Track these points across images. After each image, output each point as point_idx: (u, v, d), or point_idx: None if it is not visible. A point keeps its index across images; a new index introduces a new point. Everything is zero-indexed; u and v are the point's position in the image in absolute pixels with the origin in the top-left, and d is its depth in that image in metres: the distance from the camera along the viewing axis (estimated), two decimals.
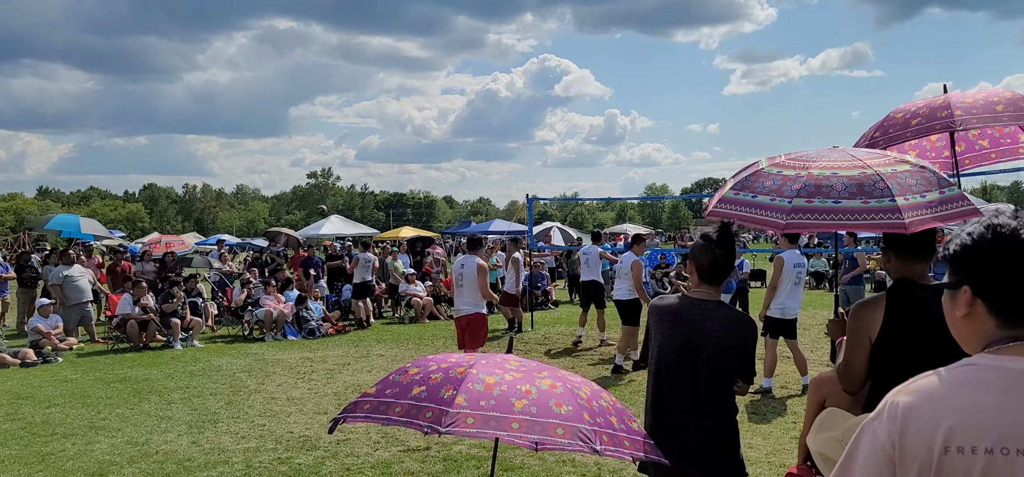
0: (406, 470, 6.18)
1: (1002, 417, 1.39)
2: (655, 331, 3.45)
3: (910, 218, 3.03)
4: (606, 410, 2.66)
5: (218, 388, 9.69)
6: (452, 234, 47.28)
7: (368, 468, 6.24)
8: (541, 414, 2.46)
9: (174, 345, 13.16)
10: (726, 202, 3.46)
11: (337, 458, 6.51)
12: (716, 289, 3.41)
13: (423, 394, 2.57)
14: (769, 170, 3.44)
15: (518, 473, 6.06)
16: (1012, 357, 1.45)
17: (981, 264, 1.50)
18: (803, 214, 3.17)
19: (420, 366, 2.79)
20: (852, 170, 3.26)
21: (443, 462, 6.33)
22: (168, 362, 11.76)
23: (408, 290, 16.77)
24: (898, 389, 1.55)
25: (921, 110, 4.84)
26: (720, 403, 3.33)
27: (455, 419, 2.41)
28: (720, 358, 3.30)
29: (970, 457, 1.39)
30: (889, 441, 1.48)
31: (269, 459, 6.56)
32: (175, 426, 7.76)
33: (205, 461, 6.54)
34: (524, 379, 2.62)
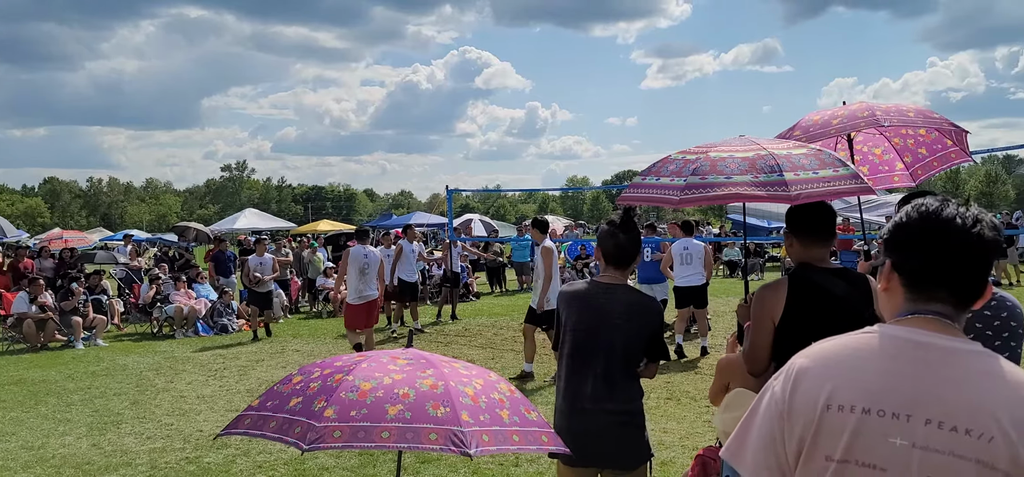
0: (321, 466, 6.04)
1: (883, 381, 1.46)
2: (565, 316, 3.47)
3: (797, 190, 3.17)
4: (497, 403, 2.62)
5: (123, 388, 9.29)
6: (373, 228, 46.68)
7: (281, 465, 6.08)
8: (415, 419, 2.41)
9: (75, 344, 12.55)
10: (635, 187, 3.62)
11: (248, 456, 6.31)
12: (622, 273, 3.46)
13: (298, 407, 2.50)
14: (675, 157, 3.63)
15: (436, 465, 6.00)
16: (907, 327, 1.52)
17: (901, 239, 1.57)
18: (697, 189, 3.30)
19: (304, 373, 2.71)
20: (748, 152, 3.41)
21: (359, 456, 6.22)
22: (68, 362, 11.21)
23: (326, 284, 16.46)
24: (801, 352, 1.62)
25: (839, 113, 5.05)
26: (627, 386, 3.37)
27: (321, 434, 2.35)
28: (626, 340, 3.34)
29: (847, 415, 1.46)
30: (782, 398, 1.55)
31: (176, 459, 6.32)
32: (74, 428, 7.39)
33: (106, 463, 6.25)
34: (405, 380, 2.55)
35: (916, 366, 1.46)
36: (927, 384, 1.44)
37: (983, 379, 1.43)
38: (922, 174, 5.78)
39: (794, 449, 1.52)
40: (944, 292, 1.52)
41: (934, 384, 1.43)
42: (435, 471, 5.88)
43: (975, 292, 1.53)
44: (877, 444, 1.43)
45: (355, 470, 5.95)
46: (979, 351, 1.48)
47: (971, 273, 1.52)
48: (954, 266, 1.51)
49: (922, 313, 1.52)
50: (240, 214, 34.68)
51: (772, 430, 1.55)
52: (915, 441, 1.41)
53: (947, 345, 1.47)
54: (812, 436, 1.48)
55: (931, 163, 5.67)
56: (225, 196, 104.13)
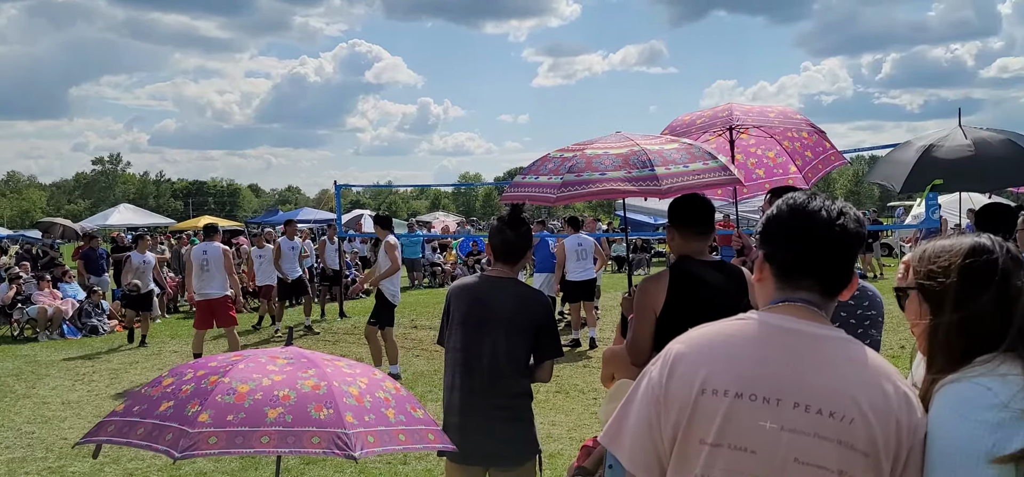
0: (198, 470, 5.79)
1: (754, 366, 1.51)
2: (454, 310, 3.45)
3: (668, 184, 3.28)
4: (382, 403, 2.55)
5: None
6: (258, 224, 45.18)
7: (154, 472, 5.79)
8: (297, 423, 2.30)
9: None
10: (516, 186, 3.67)
11: (119, 463, 5.98)
12: (511, 267, 3.47)
13: (169, 411, 2.34)
14: (554, 155, 3.69)
15: (320, 466, 5.86)
16: (777, 315, 1.58)
17: (772, 231, 1.63)
18: (573, 187, 3.36)
19: (175, 375, 2.54)
20: (622, 148, 3.50)
21: (239, 460, 5.99)
22: None
23: None
24: (677, 338, 1.66)
25: (703, 114, 5.29)
26: (515, 381, 3.36)
27: (195, 440, 2.21)
28: (514, 335, 3.34)
29: (720, 399, 1.50)
30: (659, 382, 1.58)
31: (37, 469, 5.91)
32: None
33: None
34: (285, 381, 2.44)
35: (785, 352, 1.52)
36: (795, 370, 1.50)
37: (845, 365, 1.51)
38: (812, 176, 6.10)
39: (670, 433, 1.55)
40: (811, 281, 1.58)
41: (801, 370, 1.50)
42: (320, 472, 5.73)
43: (841, 282, 1.60)
44: (748, 427, 1.48)
45: (235, 473, 5.73)
46: (843, 338, 1.56)
47: (836, 263, 1.59)
48: (820, 257, 1.58)
49: (792, 301, 1.58)
50: (114, 210, 32.76)
51: (649, 415, 1.58)
52: (783, 424, 1.47)
53: (814, 332, 1.54)
54: (687, 420, 1.52)
55: (817, 165, 5.99)
56: (97, 191, 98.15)
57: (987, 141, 5.22)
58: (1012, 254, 1.57)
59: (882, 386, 1.49)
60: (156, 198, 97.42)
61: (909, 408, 1.49)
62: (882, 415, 1.46)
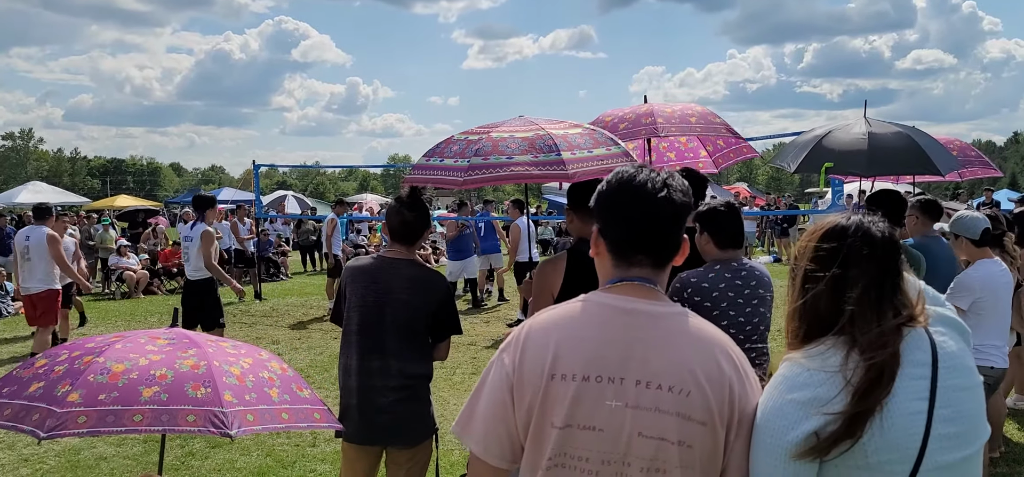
0: (98, 455, 5.65)
1: (599, 348, 1.56)
2: (350, 291, 3.44)
3: (574, 169, 3.35)
4: (265, 382, 2.56)
5: None
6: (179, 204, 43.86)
7: (52, 457, 5.63)
8: (172, 401, 2.29)
9: None
10: (418, 169, 3.67)
11: (13, 448, 5.79)
12: (409, 248, 3.47)
13: (38, 392, 2.30)
14: (458, 138, 3.70)
15: (227, 449, 5.78)
16: (614, 295, 1.62)
17: (602, 205, 1.66)
18: (480, 170, 3.39)
19: (49, 357, 2.50)
20: (528, 132, 3.54)
21: (143, 444, 5.88)
22: None
23: (120, 263, 15.30)
24: (526, 322, 1.69)
25: (627, 116, 5.35)
26: (409, 360, 3.37)
27: (63, 420, 2.18)
28: (410, 314, 3.35)
29: (569, 383, 1.55)
30: (511, 367, 1.61)
31: None
32: None
33: None
34: (163, 362, 2.43)
35: (625, 331, 1.57)
36: (635, 349, 1.55)
37: (681, 339, 1.57)
38: (722, 162, 6.27)
39: (524, 417, 1.58)
40: (643, 256, 1.63)
41: (641, 348, 1.55)
42: (226, 455, 5.66)
43: (670, 252, 1.65)
44: (595, 408, 1.53)
45: (137, 458, 5.61)
46: (678, 312, 1.62)
47: (664, 235, 1.63)
48: (648, 231, 1.62)
49: (628, 280, 1.63)
50: (23, 187, 31.33)
51: (503, 399, 1.60)
52: (627, 401, 1.52)
53: (651, 310, 1.60)
54: (539, 404, 1.56)
55: (728, 154, 6.16)
56: (7, 168, 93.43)
57: (882, 132, 5.47)
58: (871, 237, 1.55)
59: (716, 357, 1.56)
60: (71, 176, 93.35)
61: (741, 378, 1.56)
62: (716, 385, 1.53)
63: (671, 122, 5.21)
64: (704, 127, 5.37)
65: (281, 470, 5.37)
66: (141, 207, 28.37)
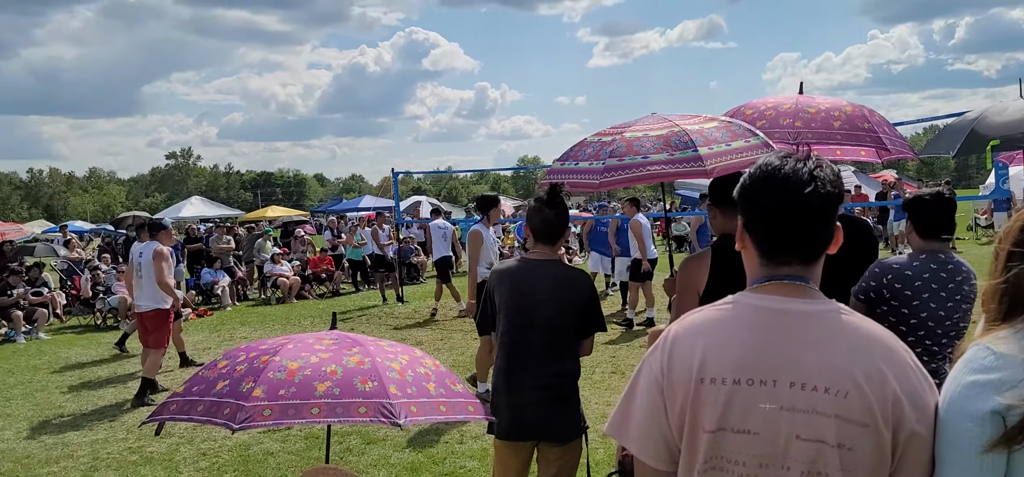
0: (265, 451, 6.08)
1: (749, 351, 1.54)
2: (496, 293, 3.55)
3: (711, 164, 3.29)
4: (423, 377, 2.72)
5: (65, 381, 9.17)
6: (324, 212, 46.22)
7: (225, 452, 6.11)
8: (344, 394, 2.49)
9: (16, 339, 12.29)
10: (552, 173, 3.71)
11: (192, 443, 6.32)
12: (551, 248, 3.54)
13: (225, 389, 2.56)
14: (591, 140, 3.70)
15: (380, 445, 6.09)
16: (763, 295, 1.59)
17: (747, 199, 1.62)
18: (615, 171, 3.39)
19: (229, 358, 2.77)
20: (662, 130, 3.51)
21: (304, 440, 6.28)
22: (9, 357, 10.98)
23: (274, 270, 16.33)
24: (674, 322, 1.68)
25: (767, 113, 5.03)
26: (558, 360, 3.43)
27: (251, 413, 2.41)
28: (554, 315, 3.42)
29: (719, 387, 1.54)
30: (660, 371, 1.61)
31: (119, 450, 6.30)
32: (14, 423, 7.30)
33: (46, 457, 6.21)
34: (332, 359, 2.64)
35: (776, 333, 1.54)
36: (788, 350, 1.52)
37: (837, 338, 1.53)
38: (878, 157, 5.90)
39: (676, 421, 1.58)
40: (791, 253, 1.58)
41: (794, 349, 1.52)
42: (381, 451, 5.96)
43: (822, 246, 1.59)
44: (748, 411, 1.52)
45: (300, 453, 6.00)
46: (833, 310, 1.57)
47: (812, 230, 1.57)
48: (795, 225, 1.56)
49: (777, 279, 1.59)
50: (186, 202, 34.03)
51: (654, 403, 1.61)
52: (782, 404, 1.50)
53: (803, 309, 1.56)
54: (690, 409, 1.56)
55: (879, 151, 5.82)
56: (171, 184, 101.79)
57: None
58: None
59: (876, 356, 1.50)
60: (226, 190, 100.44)
61: (907, 376, 1.50)
62: (876, 385, 1.47)
63: (810, 127, 4.89)
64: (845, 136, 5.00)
65: (432, 466, 5.60)
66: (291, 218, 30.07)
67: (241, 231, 21.04)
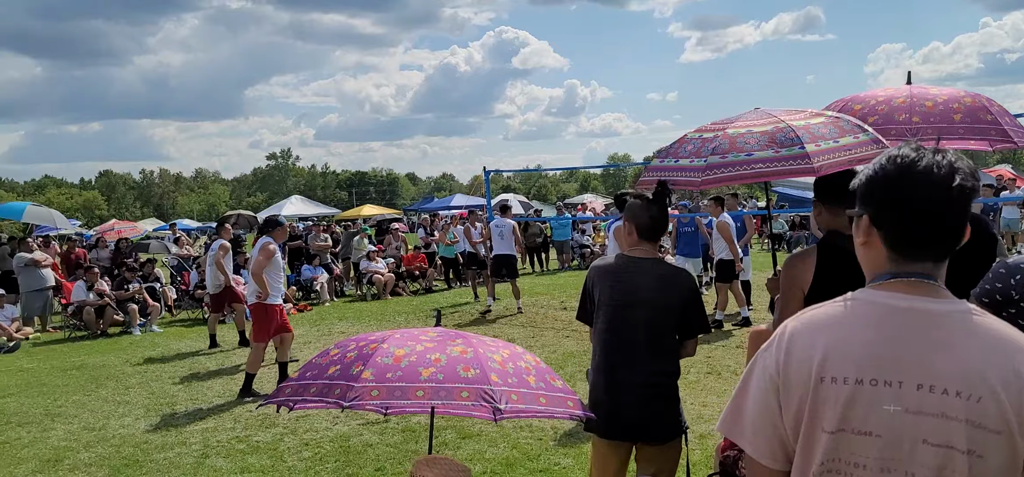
0: (365, 443, 6.25)
1: (872, 350, 1.48)
2: (596, 290, 3.54)
3: (819, 162, 3.17)
4: (524, 371, 2.76)
5: (176, 371, 9.66)
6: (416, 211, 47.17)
7: (327, 443, 6.30)
8: (447, 380, 2.56)
9: (132, 331, 13.03)
10: (652, 170, 3.66)
11: (296, 434, 6.55)
12: (653, 246, 3.51)
13: (336, 373, 2.68)
14: (692, 137, 3.62)
15: (475, 440, 6.17)
16: (889, 292, 1.52)
17: (878, 193, 1.54)
18: (718, 169, 3.30)
19: (341, 347, 2.89)
20: (766, 126, 3.41)
21: (401, 433, 6.42)
22: (126, 348, 11.66)
23: (370, 267, 16.76)
24: (789, 319, 1.62)
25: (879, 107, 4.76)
26: (658, 359, 3.40)
27: (360, 393, 2.51)
28: (657, 314, 3.38)
29: (840, 386, 1.48)
30: (776, 369, 1.56)
31: (227, 438, 6.59)
32: (132, 410, 7.74)
33: (162, 443, 6.55)
34: (436, 348, 2.72)
35: (904, 332, 1.47)
36: (915, 350, 1.46)
37: (969, 340, 1.45)
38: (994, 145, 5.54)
39: (792, 420, 1.54)
40: (927, 252, 1.51)
41: (921, 349, 1.46)
42: (476, 446, 6.03)
43: (956, 243, 1.52)
44: (871, 412, 1.46)
45: (398, 446, 6.14)
46: (965, 310, 1.49)
47: (952, 227, 1.50)
48: (936, 222, 1.49)
49: (904, 276, 1.52)
50: (286, 201, 35.35)
51: (768, 401, 1.56)
52: (907, 406, 1.44)
53: (931, 308, 1.48)
54: (809, 408, 1.51)
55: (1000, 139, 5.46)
56: (271, 184, 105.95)
57: None
58: None
59: (1012, 359, 1.43)
60: (323, 189, 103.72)
61: None
62: (1012, 390, 1.40)
63: (928, 120, 4.61)
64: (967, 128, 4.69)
65: (527, 462, 5.63)
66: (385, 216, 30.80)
67: (338, 229, 21.69)
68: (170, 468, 5.91)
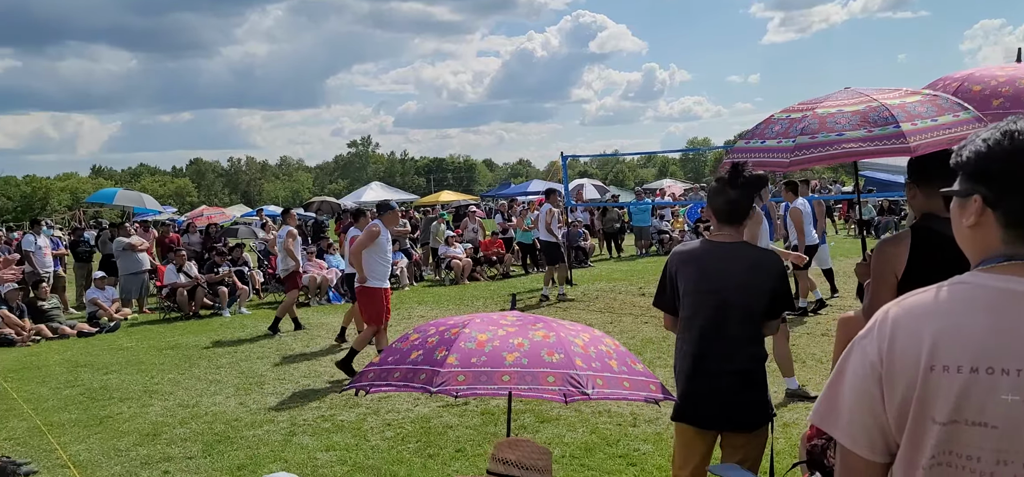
0: (445, 424, 6.34)
1: (987, 337, 1.39)
2: (680, 277, 3.46)
3: (916, 141, 3.04)
4: (605, 354, 2.74)
5: (264, 352, 10.00)
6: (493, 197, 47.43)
7: (408, 423, 6.42)
8: (532, 365, 2.55)
9: (222, 312, 13.55)
10: (736, 152, 3.59)
11: (378, 414, 6.70)
12: (737, 230, 3.40)
13: (420, 358, 2.69)
14: (779, 117, 3.53)
15: (554, 424, 6.18)
16: (1005, 276, 1.43)
17: (996, 171, 1.44)
18: (806, 150, 3.21)
19: (420, 331, 2.91)
20: (858, 105, 3.29)
21: (481, 416, 6.48)
22: (216, 329, 12.13)
23: (448, 252, 16.96)
24: (889, 304, 1.53)
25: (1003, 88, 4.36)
26: (747, 344, 3.32)
27: (446, 378, 2.52)
28: (747, 298, 3.30)
29: (953, 376, 1.39)
30: (878, 357, 1.47)
31: (313, 417, 6.79)
32: (223, 389, 8.05)
33: (252, 420, 6.80)
34: (518, 333, 2.70)
35: (1022, 318, 1.39)
36: None
37: None
38: None
39: (896, 411, 1.46)
40: None
41: None
42: (554, 430, 6.05)
43: None
44: (987, 402, 1.38)
45: (477, 428, 6.21)
46: None
47: None
48: None
49: (1019, 259, 1.43)
50: (367, 187, 36.01)
51: (869, 391, 1.48)
52: None
53: None
54: (917, 399, 1.43)
55: None
56: (352, 171, 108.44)
57: None
58: None
59: None
60: (402, 175, 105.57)
61: None
62: None
63: None
64: None
65: (606, 447, 5.61)
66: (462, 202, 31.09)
67: (417, 215, 22.00)
68: (259, 444, 6.13)
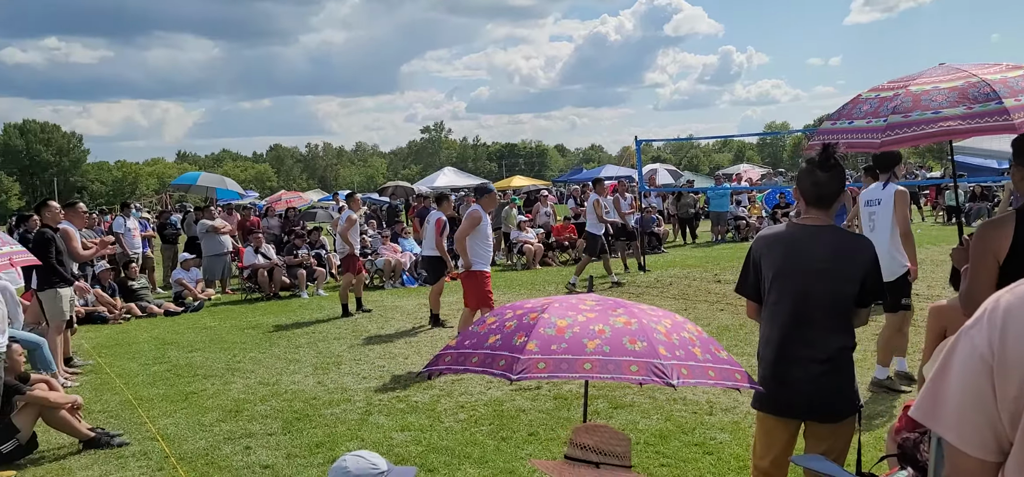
0: (518, 408, 6.34)
1: None
2: (765, 263, 3.34)
3: (1020, 118, 2.86)
4: (688, 342, 2.65)
5: (341, 333, 10.20)
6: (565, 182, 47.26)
7: (481, 406, 6.45)
8: (614, 353, 2.48)
9: (301, 294, 13.88)
10: (822, 134, 3.45)
11: (451, 396, 6.75)
12: (825, 213, 3.24)
13: (498, 343, 2.65)
14: (868, 96, 3.38)
15: (628, 411, 6.11)
16: None
17: None
18: (900, 129, 3.05)
19: (497, 315, 2.87)
20: (955, 81, 3.11)
21: (553, 400, 6.46)
22: (295, 310, 12.44)
23: (520, 237, 16.98)
24: (1000, 292, 1.42)
25: None
26: (836, 333, 3.20)
27: (526, 365, 2.47)
28: (836, 285, 3.17)
29: None
30: (989, 349, 1.35)
31: (388, 398, 6.89)
32: (302, 368, 8.25)
33: (329, 399, 6.95)
34: (598, 318, 2.63)
35: None
36: None
37: None
38: None
39: (1010, 408, 1.33)
40: None
41: None
42: (628, 416, 5.98)
43: None
44: None
45: (550, 412, 6.19)
46: None
47: None
48: None
49: None
50: (440, 173, 36.38)
51: (979, 386, 1.37)
52: None
53: None
54: None
55: None
56: (425, 156, 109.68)
57: None
58: None
59: None
60: (474, 161, 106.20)
61: None
62: None
63: None
64: None
65: (681, 435, 5.52)
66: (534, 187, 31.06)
67: None
68: (337, 423, 6.25)
